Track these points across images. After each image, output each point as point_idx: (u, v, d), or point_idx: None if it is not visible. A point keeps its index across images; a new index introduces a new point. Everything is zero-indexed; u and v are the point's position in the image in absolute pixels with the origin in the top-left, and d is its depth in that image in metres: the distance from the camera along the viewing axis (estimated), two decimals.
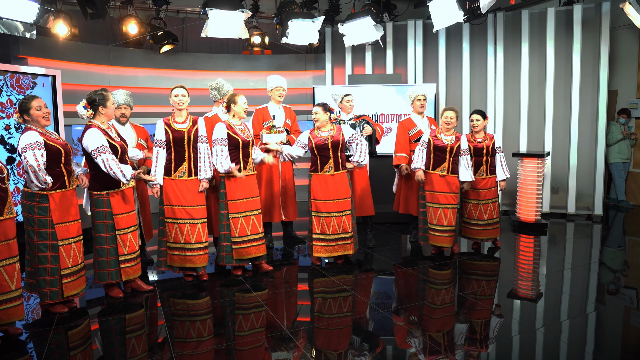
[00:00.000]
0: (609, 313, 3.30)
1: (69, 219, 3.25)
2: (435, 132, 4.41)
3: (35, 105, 3.11)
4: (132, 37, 6.33)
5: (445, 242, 4.40)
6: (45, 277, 3.17)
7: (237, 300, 3.53)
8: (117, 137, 3.47)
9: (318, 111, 4.14)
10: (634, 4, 5.07)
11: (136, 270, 3.60)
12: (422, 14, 7.32)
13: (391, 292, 3.88)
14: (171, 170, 3.78)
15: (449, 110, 4.35)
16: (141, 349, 2.83)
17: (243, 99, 3.97)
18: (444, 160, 4.32)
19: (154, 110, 6.65)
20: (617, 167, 6.89)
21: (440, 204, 4.35)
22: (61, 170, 3.19)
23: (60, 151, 3.16)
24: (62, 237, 3.20)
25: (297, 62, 7.61)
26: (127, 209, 3.52)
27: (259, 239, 4.01)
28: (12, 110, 4.78)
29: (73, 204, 3.29)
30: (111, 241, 3.46)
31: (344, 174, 4.22)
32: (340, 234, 4.19)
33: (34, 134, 3.08)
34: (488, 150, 4.52)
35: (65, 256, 3.22)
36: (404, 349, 2.84)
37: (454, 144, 4.32)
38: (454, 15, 5.12)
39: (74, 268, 3.28)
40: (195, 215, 3.80)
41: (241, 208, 3.93)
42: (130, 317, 3.28)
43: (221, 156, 3.84)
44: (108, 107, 3.41)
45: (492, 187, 4.60)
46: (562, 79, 6.31)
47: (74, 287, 3.28)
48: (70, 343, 2.90)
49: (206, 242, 3.88)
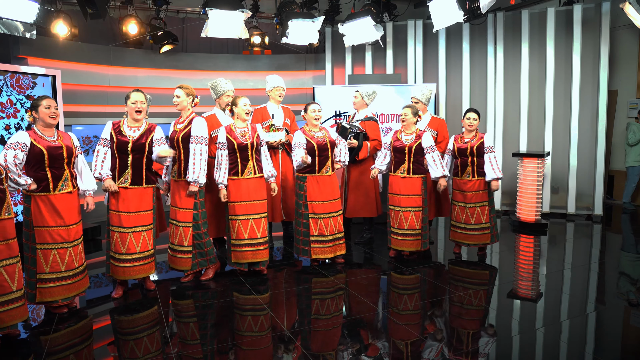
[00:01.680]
0: (609, 313, 3.30)
1: (52, 224, 3.13)
2: (396, 134, 4.35)
3: (45, 104, 3.13)
4: (132, 37, 6.33)
5: (406, 245, 4.34)
6: (26, 277, 3.15)
7: (236, 301, 3.53)
8: (133, 136, 3.51)
9: (320, 109, 4.19)
10: (634, 4, 5.07)
11: (132, 272, 3.54)
12: (422, 14, 7.32)
13: (390, 292, 3.88)
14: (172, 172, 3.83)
15: (471, 111, 4.31)
16: (144, 349, 2.82)
17: (244, 101, 3.94)
18: (403, 161, 4.28)
19: (154, 110, 6.63)
20: (634, 170, 6.83)
21: (400, 206, 4.30)
22: (45, 173, 3.10)
23: (43, 152, 3.07)
24: (41, 241, 3.12)
25: (297, 62, 7.61)
26: (128, 208, 3.49)
27: (258, 244, 3.94)
28: (12, 110, 4.78)
29: (64, 209, 3.17)
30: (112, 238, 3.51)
31: (335, 174, 4.28)
32: (336, 234, 4.22)
33: (23, 134, 3.08)
34: (473, 150, 4.23)
35: (42, 261, 3.12)
36: (404, 349, 2.84)
37: (413, 144, 4.21)
38: (454, 15, 5.12)
39: (55, 275, 3.16)
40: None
41: (240, 211, 3.90)
42: (130, 319, 3.27)
43: (219, 161, 3.86)
44: (127, 105, 3.50)
45: (481, 190, 4.30)
46: (562, 79, 6.31)
47: (50, 294, 3.15)
48: (69, 343, 2.90)
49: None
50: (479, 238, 4.37)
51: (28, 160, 3.06)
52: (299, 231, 4.23)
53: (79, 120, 5.83)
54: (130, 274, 3.53)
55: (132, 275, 3.54)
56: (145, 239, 3.56)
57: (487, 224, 4.34)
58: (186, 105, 3.76)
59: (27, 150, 3.04)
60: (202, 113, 4.48)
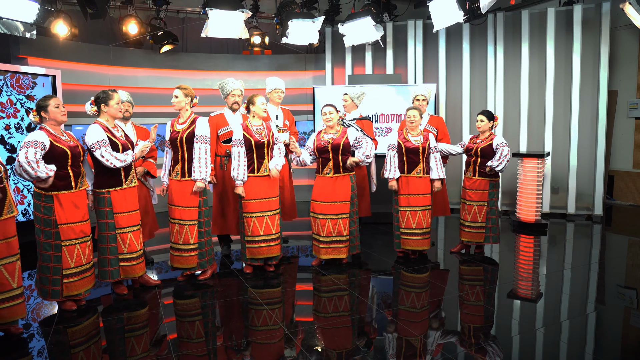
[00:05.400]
0: (609, 313, 3.30)
1: (75, 220, 3.24)
2: (402, 135, 4.32)
3: (53, 103, 3.18)
4: (132, 37, 6.33)
5: (419, 245, 4.35)
6: (48, 275, 3.21)
7: (236, 301, 3.53)
8: (122, 136, 3.52)
9: (332, 111, 4.12)
10: (634, 4, 5.07)
11: (136, 270, 3.60)
12: (422, 14, 7.32)
13: (390, 291, 3.88)
14: (171, 171, 3.84)
15: (480, 114, 4.37)
16: (142, 348, 2.82)
17: (261, 100, 3.98)
18: (418, 161, 4.28)
19: (154, 110, 6.66)
20: None
21: (417, 206, 4.30)
22: (67, 172, 3.19)
23: (67, 153, 3.16)
24: (66, 238, 3.21)
25: (297, 62, 7.61)
26: (129, 207, 3.53)
27: (272, 240, 4.03)
28: (12, 110, 4.78)
29: (81, 205, 3.29)
30: (112, 240, 3.48)
31: (346, 177, 4.18)
32: (335, 237, 4.19)
33: (41, 133, 3.11)
34: (477, 151, 4.34)
35: (68, 256, 3.23)
36: (404, 349, 2.85)
37: (424, 144, 4.26)
38: (454, 15, 5.12)
39: (78, 268, 3.28)
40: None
41: (256, 208, 3.95)
42: (130, 316, 3.28)
43: (237, 158, 3.88)
44: (110, 106, 3.44)
45: (480, 190, 4.41)
46: (562, 79, 6.31)
47: (75, 287, 3.28)
48: (71, 341, 2.90)
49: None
50: (473, 236, 4.49)
51: (50, 160, 3.10)
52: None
53: (79, 120, 5.82)
54: (135, 272, 3.61)
55: (135, 273, 3.62)
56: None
57: (482, 224, 4.44)
58: (184, 106, 3.76)
59: (45, 149, 3.08)
60: (211, 112, 4.51)
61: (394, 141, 4.33)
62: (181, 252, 3.80)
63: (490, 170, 4.32)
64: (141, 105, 6.48)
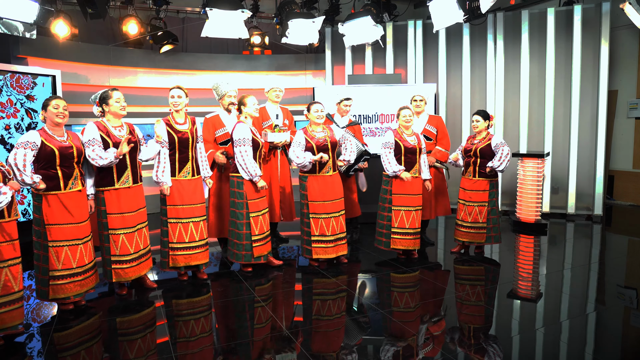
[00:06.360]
0: (609, 313, 3.30)
1: (64, 221, 3.19)
2: (398, 135, 4.30)
3: (53, 104, 3.18)
4: (132, 37, 6.33)
5: (411, 244, 4.36)
6: (37, 274, 3.24)
7: (237, 301, 3.54)
8: (125, 135, 3.47)
9: (323, 109, 4.17)
10: (633, 4, 5.07)
11: (129, 273, 3.53)
12: (422, 14, 7.33)
13: (390, 291, 3.88)
14: (176, 171, 3.80)
15: (475, 114, 4.39)
16: (145, 348, 2.83)
17: (252, 100, 3.97)
18: (415, 161, 4.30)
19: (154, 110, 6.65)
20: None
21: (412, 206, 4.32)
22: (56, 172, 3.15)
23: (55, 152, 3.12)
24: (54, 239, 3.17)
25: (297, 62, 7.61)
26: (122, 209, 3.48)
27: (268, 237, 4.13)
28: (12, 110, 4.78)
29: (73, 206, 3.22)
30: (105, 240, 3.48)
31: (338, 174, 4.28)
32: (339, 234, 4.22)
33: (34, 133, 3.12)
34: (477, 152, 4.32)
35: (55, 258, 3.17)
36: (403, 349, 2.85)
37: (419, 144, 4.30)
38: (454, 15, 5.12)
39: (67, 271, 3.21)
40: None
41: (260, 207, 4.02)
42: (130, 318, 3.27)
43: (245, 157, 3.86)
44: (110, 105, 3.44)
45: (480, 190, 4.39)
46: (562, 79, 6.31)
47: (63, 290, 3.21)
48: (71, 342, 2.90)
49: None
50: (474, 237, 4.48)
51: (38, 158, 3.10)
52: (303, 231, 4.26)
53: (79, 120, 5.82)
54: (138, 271, 3.60)
55: (140, 273, 3.62)
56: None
57: (483, 224, 4.43)
58: (184, 106, 3.81)
59: (37, 149, 3.08)
60: (207, 114, 4.50)
61: (391, 140, 4.30)
62: (192, 249, 3.82)
63: (491, 170, 4.32)
64: (141, 105, 6.49)
